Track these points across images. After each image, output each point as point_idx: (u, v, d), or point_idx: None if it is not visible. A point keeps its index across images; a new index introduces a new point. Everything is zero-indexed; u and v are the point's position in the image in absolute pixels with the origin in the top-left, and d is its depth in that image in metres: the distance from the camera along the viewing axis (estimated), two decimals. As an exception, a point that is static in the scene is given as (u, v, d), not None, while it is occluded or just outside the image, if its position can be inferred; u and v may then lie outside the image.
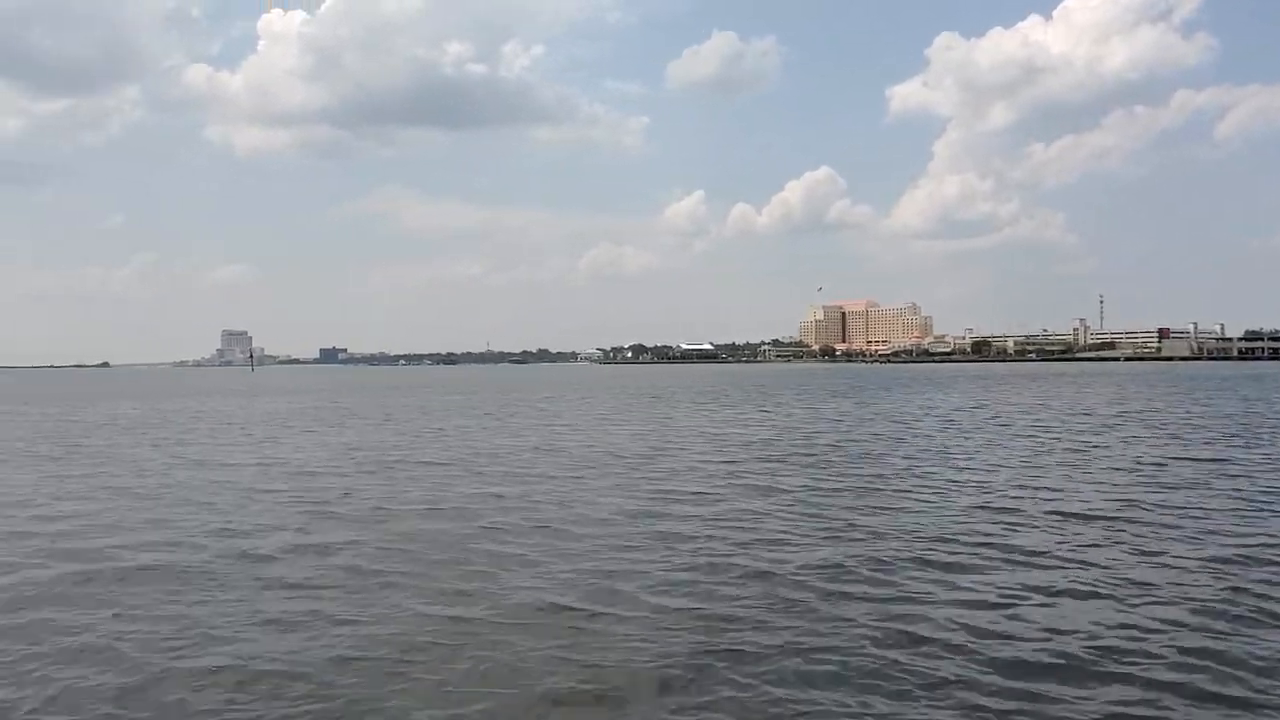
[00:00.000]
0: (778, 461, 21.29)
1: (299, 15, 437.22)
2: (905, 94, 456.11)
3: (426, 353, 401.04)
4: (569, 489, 16.83)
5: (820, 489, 16.63)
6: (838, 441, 26.54)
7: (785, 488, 16.74)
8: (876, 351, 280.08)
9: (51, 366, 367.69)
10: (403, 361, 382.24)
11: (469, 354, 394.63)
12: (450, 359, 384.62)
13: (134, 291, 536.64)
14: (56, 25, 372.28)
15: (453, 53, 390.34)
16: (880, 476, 18.42)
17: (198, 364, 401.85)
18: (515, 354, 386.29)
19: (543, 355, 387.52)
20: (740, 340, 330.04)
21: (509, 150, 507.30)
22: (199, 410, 47.52)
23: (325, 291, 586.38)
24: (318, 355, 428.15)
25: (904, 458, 21.93)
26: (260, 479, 18.60)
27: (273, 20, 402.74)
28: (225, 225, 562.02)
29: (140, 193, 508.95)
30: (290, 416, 41.29)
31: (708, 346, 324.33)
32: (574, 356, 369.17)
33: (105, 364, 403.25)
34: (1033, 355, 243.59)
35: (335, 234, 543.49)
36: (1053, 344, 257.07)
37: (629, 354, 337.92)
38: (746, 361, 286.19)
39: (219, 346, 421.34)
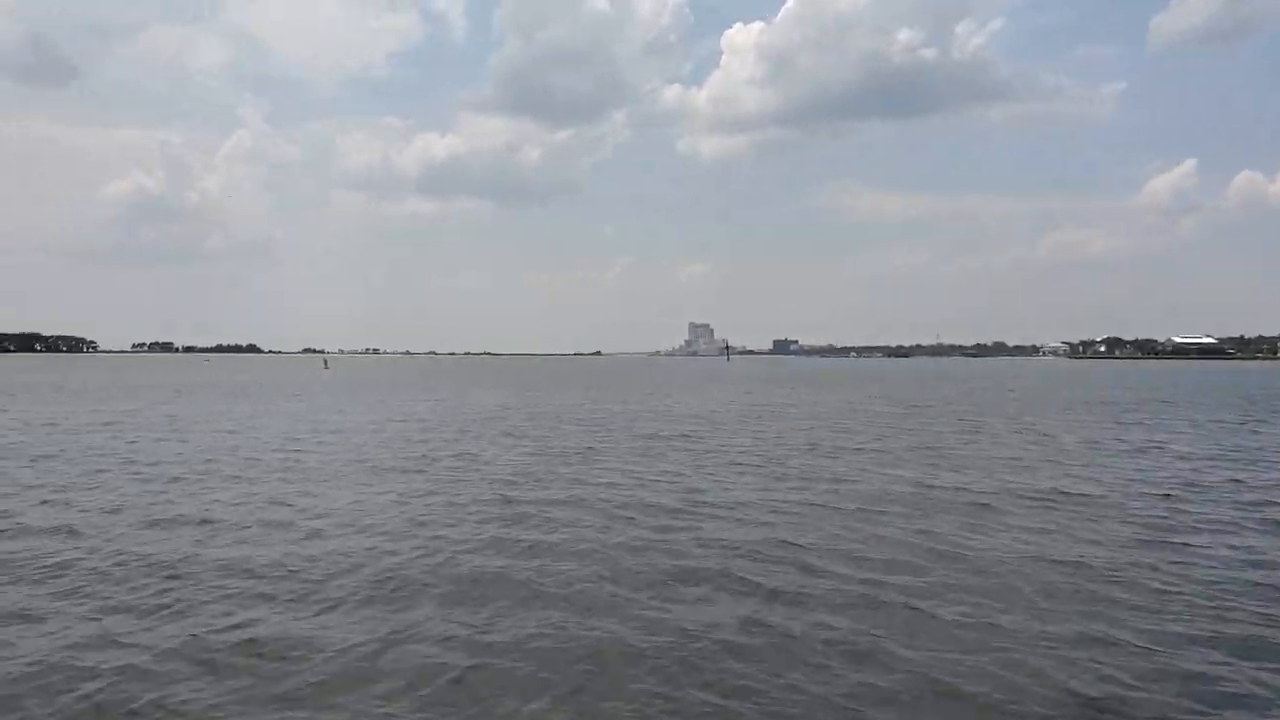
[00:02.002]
0: None
1: (757, 26, 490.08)
2: None
3: (875, 345, 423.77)
4: None
5: None
6: None
7: None
8: None
9: (560, 355, 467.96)
10: (854, 354, 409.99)
11: (918, 346, 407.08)
12: (900, 351, 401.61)
13: (617, 289, 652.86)
14: (564, 67, 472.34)
15: (903, 40, 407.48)
16: None
17: (669, 354, 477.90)
18: (969, 347, 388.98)
19: (998, 348, 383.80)
20: (1250, 333, 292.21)
21: (960, 133, 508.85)
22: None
23: (775, 285, 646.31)
24: (770, 347, 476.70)
25: None
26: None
27: (734, 34, 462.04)
28: (690, 227, 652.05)
29: (625, 203, 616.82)
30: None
31: (1208, 340, 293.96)
32: (1035, 350, 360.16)
33: (598, 353, 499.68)
34: None
35: (786, 229, 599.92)
36: None
37: (1101, 348, 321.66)
38: (1265, 358, 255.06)
39: (686, 338, 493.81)
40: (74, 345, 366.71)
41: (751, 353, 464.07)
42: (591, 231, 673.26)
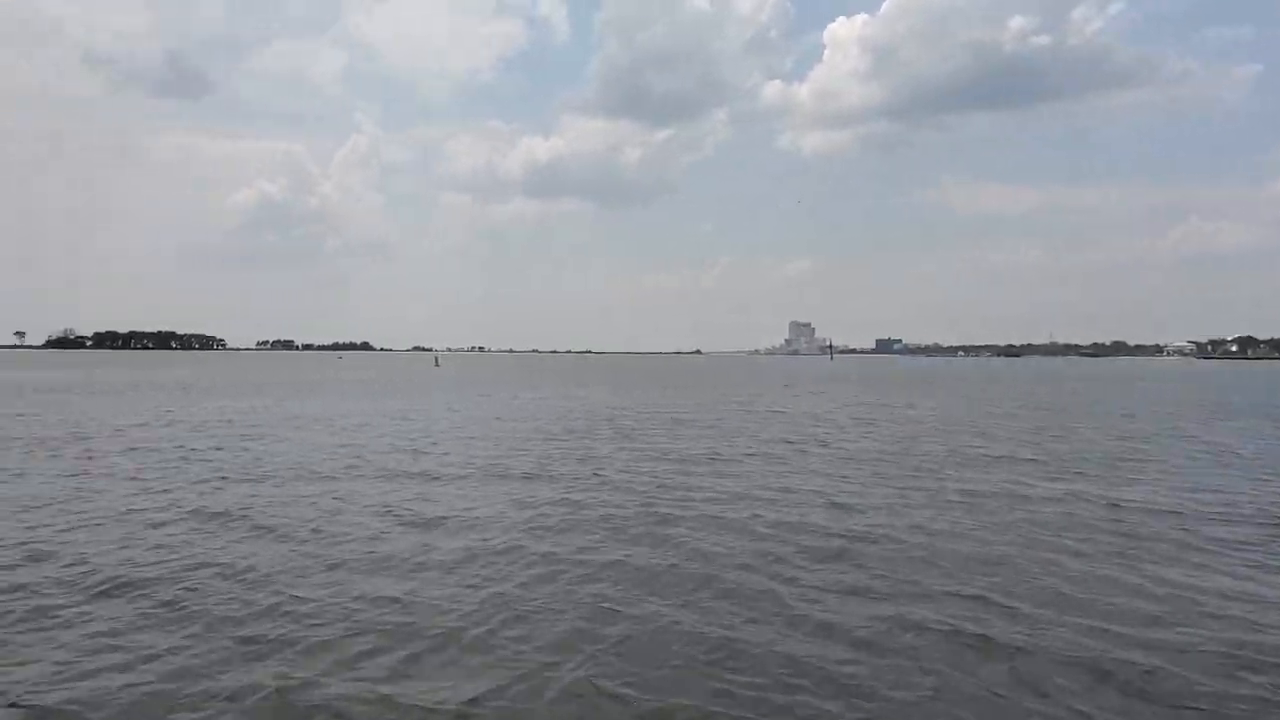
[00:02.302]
0: None
1: (861, 18, 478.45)
2: None
3: (982, 344, 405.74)
4: None
5: None
6: None
7: None
8: None
9: (661, 353, 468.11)
10: (960, 353, 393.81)
11: (1029, 345, 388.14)
12: (1011, 351, 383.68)
13: (717, 288, 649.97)
14: (664, 67, 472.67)
15: (1014, 28, 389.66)
16: None
17: (768, 352, 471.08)
18: (1085, 346, 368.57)
19: (1118, 348, 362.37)
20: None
21: (1076, 123, 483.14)
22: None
23: (878, 282, 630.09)
24: (874, 346, 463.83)
25: None
26: None
27: (837, 28, 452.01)
28: (791, 223, 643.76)
29: (725, 201, 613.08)
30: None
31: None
32: (1158, 350, 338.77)
33: (698, 351, 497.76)
34: None
35: (889, 225, 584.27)
36: None
37: (1233, 347, 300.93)
38: None
39: (787, 336, 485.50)
40: (205, 343, 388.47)
41: (854, 351, 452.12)
42: (691, 230, 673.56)
